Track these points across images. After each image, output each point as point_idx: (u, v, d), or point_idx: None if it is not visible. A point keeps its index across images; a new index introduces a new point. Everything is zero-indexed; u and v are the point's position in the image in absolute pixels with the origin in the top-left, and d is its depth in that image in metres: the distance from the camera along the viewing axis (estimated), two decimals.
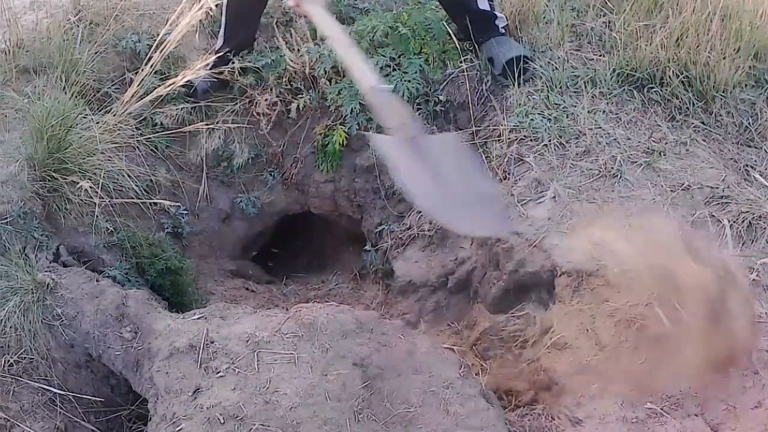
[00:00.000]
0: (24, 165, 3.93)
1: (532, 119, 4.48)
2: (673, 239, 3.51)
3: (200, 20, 4.67)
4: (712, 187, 4.00)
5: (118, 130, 4.40)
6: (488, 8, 4.77)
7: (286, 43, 5.17)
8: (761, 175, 4.26)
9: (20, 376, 3.45)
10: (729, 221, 3.78)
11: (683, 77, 4.58)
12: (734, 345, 3.17)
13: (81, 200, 3.99)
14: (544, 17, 5.08)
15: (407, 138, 3.39)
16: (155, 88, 4.44)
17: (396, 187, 4.94)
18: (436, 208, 3.43)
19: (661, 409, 3.24)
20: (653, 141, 4.34)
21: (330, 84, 5.04)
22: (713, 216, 3.86)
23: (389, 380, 3.18)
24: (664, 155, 4.24)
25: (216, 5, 4.73)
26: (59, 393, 3.50)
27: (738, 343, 3.17)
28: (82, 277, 3.71)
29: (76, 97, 4.32)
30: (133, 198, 4.33)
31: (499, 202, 4.03)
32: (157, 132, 4.85)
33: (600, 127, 4.41)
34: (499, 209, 3.83)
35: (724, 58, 4.57)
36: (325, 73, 5.03)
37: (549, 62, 4.79)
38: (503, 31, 4.84)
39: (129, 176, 4.30)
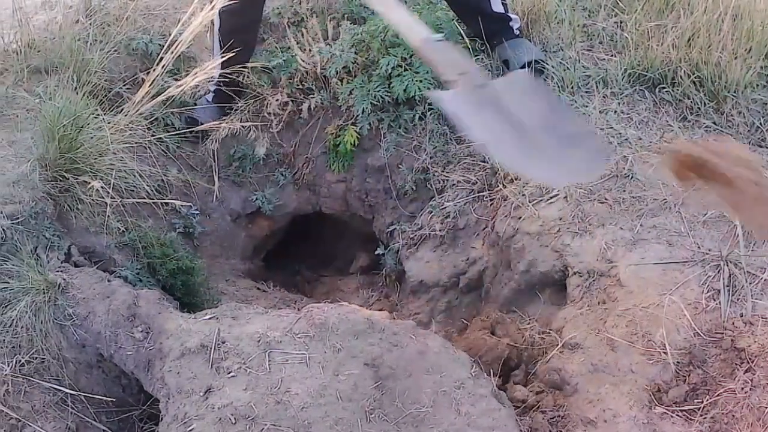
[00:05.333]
0: (35, 165, 3.94)
1: None
2: None
3: (212, 20, 4.66)
4: None
5: (130, 130, 4.41)
6: (502, 10, 4.76)
7: (298, 43, 5.17)
8: None
9: (32, 376, 3.45)
10: (740, 221, 3.77)
11: (695, 77, 4.57)
12: None
13: (92, 200, 4.00)
14: (556, 17, 5.07)
15: (472, 88, 3.07)
16: (167, 89, 4.44)
17: (407, 187, 4.95)
18: (524, 161, 3.05)
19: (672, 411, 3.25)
20: (665, 141, 4.33)
21: (341, 84, 5.04)
22: (725, 216, 3.85)
23: (401, 380, 3.18)
24: None
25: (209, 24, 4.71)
26: (70, 393, 3.51)
27: None
28: (94, 277, 3.71)
29: (87, 97, 4.32)
30: (144, 198, 4.34)
31: (592, 137, 3.73)
32: (169, 132, 4.85)
33: (611, 127, 4.40)
34: (594, 145, 3.46)
35: (735, 58, 4.56)
36: (337, 73, 5.03)
37: (560, 62, 4.79)
38: (518, 32, 4.84)
39: (140, 176, 4.30)
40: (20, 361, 3.45)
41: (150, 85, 4.43)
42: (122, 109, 4.49)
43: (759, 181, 2.98)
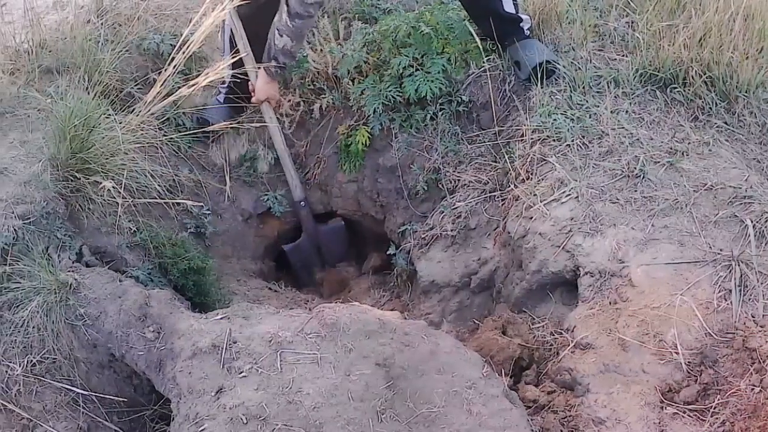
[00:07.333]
0: (47, 165, 3.94)
1: (554, 119, 4.47)
2: None
3: (223, 20, 4.66)
4: (734, 187, 3.98)
5: (141, 130, 4.41)
6: (513, 11, 4.75)
7: (309, 43, 5.18)
8: None
9: (43, 376, 3.46)
10: (752, 221, 3.76)
11: (706, 77, 4.56)
12: None
13: (104, 200, 4.00)
14: (567, 17, 5.06)
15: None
16: (178, 89, 4.44)
17: (418, 187, 4.96)
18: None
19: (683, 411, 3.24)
20: (676, 141, 4.32)
21: (353, 84, 5.04)
22: (736, 216, 3.84)
23: (412, 380, 3.18)
24: (687, 155, 4.22)
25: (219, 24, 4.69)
26: (82, 393, 3.52)
27: None
28: (105, 277, 3.71)
29: (99, 97, 4.33)
30: (156, 198, 4.34)
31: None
32: (181, 132, 4.85)
33: (623, 127, 4.39)
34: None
35: (746, 58, 4.55)
36: (348, 73, 5.03)
37: (572, 62, 4.78)
38: (528, 33, 4.83)
39: (152, 176, 4.30)
40: (32, 361, 3.45)
41: (161, 85, 4.43)
42: (134, 109, 4.50)
43: None
